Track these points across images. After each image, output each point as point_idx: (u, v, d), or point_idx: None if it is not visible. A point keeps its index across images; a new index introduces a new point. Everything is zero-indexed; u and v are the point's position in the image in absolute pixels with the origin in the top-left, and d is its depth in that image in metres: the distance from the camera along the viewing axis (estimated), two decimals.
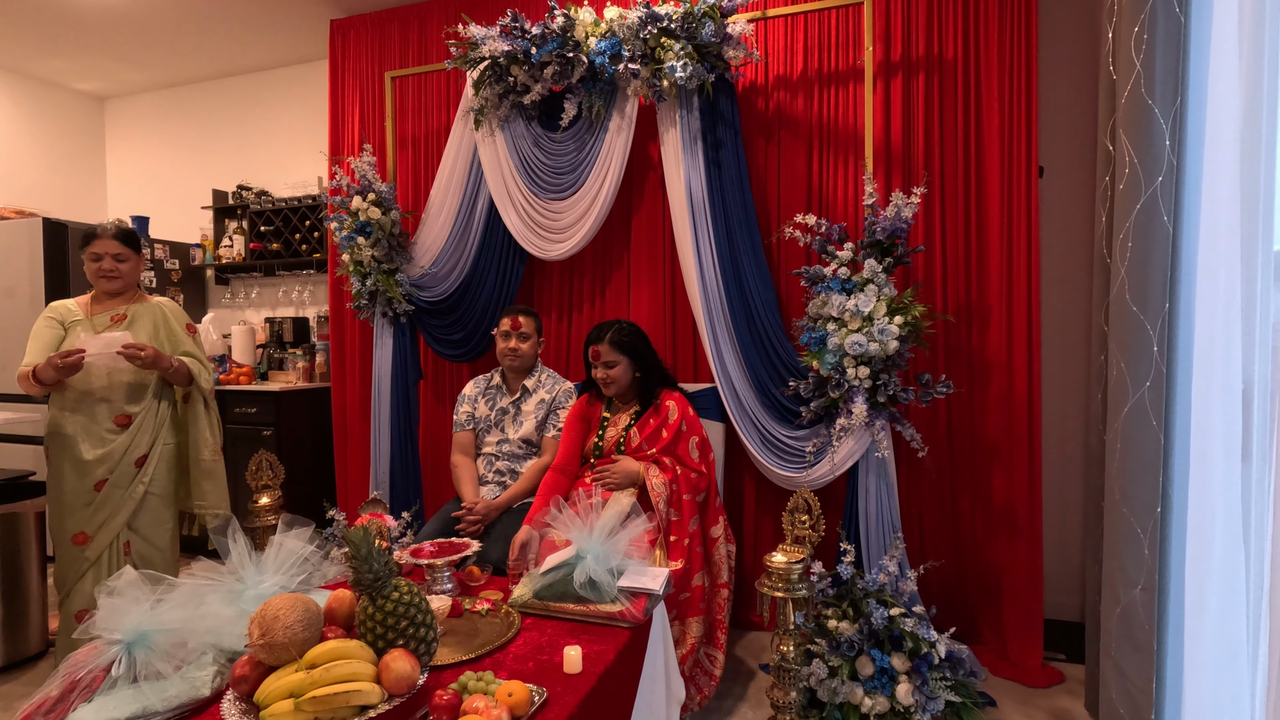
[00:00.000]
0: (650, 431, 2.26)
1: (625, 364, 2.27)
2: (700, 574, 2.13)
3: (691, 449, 2.24)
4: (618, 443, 2.29)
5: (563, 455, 2.32)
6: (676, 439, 2.24)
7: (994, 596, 2.57)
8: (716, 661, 2.16)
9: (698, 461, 2.23)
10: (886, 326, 2.19)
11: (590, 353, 2.30)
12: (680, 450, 2.24)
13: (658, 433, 2.27)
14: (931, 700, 1.98)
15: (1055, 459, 2.74)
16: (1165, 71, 1.63)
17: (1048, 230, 2.70)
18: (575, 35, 2.59)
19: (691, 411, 2.31)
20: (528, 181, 2.82)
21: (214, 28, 3.77)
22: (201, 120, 4.53)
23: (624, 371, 2.27)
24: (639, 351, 2.30)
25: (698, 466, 2.23)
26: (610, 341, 2.26)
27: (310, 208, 3.95)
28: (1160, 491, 1.67)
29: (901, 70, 2.61)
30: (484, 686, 1.19)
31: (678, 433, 2.24)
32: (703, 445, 2.28)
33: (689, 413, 2.29)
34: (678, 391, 2.35)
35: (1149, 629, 1.68)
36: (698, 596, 2.09)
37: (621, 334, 2.28)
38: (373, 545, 1.22)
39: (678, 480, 2.15)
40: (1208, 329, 1.61)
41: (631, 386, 2.33)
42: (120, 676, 1.16)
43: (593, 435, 2.35)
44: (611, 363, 2.26)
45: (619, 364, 2.26)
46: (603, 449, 2.31)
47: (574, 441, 2.35)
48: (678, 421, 2.25)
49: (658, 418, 2.28)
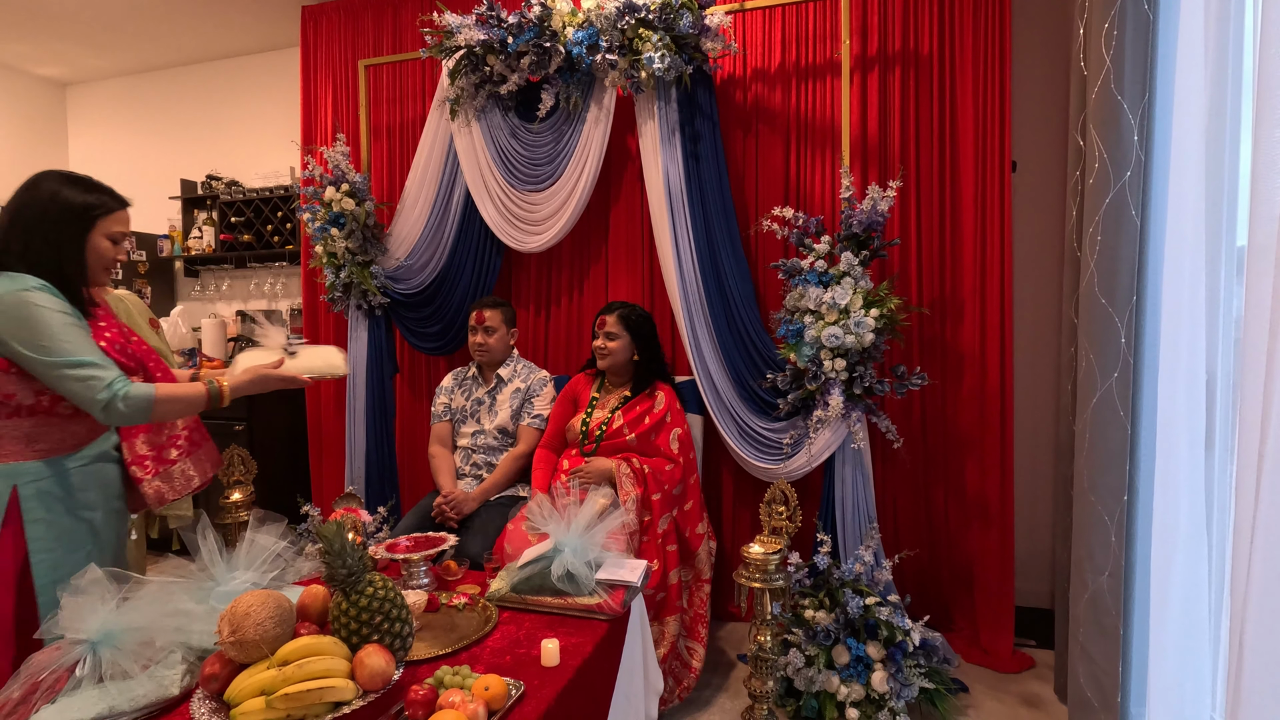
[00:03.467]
0: (634, 416, 2.27)
1: (625, 341, 2.32)
2: (676, 570, 2.13)
3: (672, 440, 2.25)
4: (601, 424, 2.30)
5: (549, 433, 2.40)
6: (658, 427, 2.25)
7: (966, 585, 2.62)
8: (696, 654, 2.17)
9: (676, 453, 2.24)
10: (862, 319, 2.20)
11: (597, 321, 2.36)
12: (660, 439, 2.24)
13: (640, 419, 2.27)
14: (906, 687, 2.01)
15: (1026, 449, 2.79)
16: (1134, 68, 1.65)
17: (1020, 224, 2.74)
18: (552, 25, 2.56)
19: (679, 406, 2.34)
20: (505, 173, 2.79)
21: (180, 12, 3.67)
22: (168, 108, 4.41)
23: (622, 348, 2.31)
24: (643, 335, 2.35)
25: (675, 457, 2.23)
26: (619, 316, 2.34)
27: (282, 198, 3.88)
28: (1127, 480, 1.71)
29: (878, 64, 2.63)
30: (460, 681, 1.18)
31: (660, 422, 2.25)
32: (684, 440, 2.29)
33: (675, 405, 2.33)
34: (670, 386, 2.39)
35: (1115, 614, 1.73)
36: (674, 595, 2.10)
37: (632, 313, 2.36)
38: (346, 540, 1.20)
39: (646, 481, 2.15)
40: (1173, 322, 1.65)
41: (627, 368, 2.35)
42: (85, 677, 1.13)
43: (580, 414, 2.36)
44: (613, 334, 2.31)
45: (619, 339, 2.31)
46: (588, 429, 2.31)
47: (559, 419, 2.41)
48: (663, 412, 2.27)
49: (644, 404, 2.29)
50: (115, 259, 1.50)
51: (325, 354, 1.75)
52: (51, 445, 1.40)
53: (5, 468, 1.36)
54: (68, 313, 1.35)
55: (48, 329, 1.30)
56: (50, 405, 1.38)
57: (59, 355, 1.30)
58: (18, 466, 1.37)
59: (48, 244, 1.38)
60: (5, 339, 1.30)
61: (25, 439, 1.38)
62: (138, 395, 1.34)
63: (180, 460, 1.61)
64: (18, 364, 1.33)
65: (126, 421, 1.37)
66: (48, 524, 1.39)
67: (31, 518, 1.36)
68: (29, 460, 1.38)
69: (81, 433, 1.44)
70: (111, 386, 1.32)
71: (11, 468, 1.36)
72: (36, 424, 1.38)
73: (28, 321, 1.30)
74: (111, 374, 1.33)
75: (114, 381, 1.32)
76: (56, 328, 1.30)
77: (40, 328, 1.30)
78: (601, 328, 2.34)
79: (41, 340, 1.29)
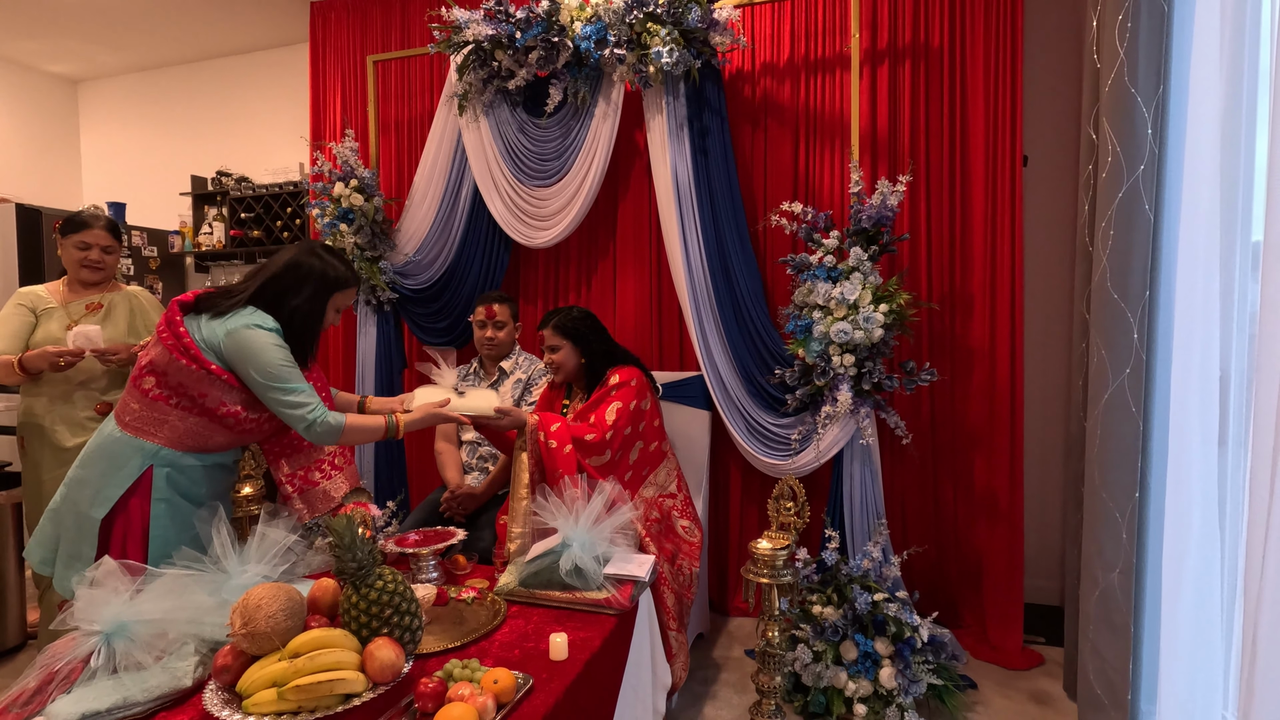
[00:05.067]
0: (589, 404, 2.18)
1: (568, 349, 2.22)
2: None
3: (608, 412, 2.09)
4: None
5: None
6: (600, 400, 2.14)
7: (975, 581, 2.61)
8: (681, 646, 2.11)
9: (608, 423, 2.07)
10: (871, 314, 2.19)
11: (538, 338, 2.27)
12: (598, 410, 2.11)
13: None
14: (914, 683, 2.01)
15: (1036, 446, 2.77)
16: (1148, 60, 1.64)
17: (1031, 219, 2.72)
18: (560, 19, 2.56)
19: (636, 384, 2.18)
20: (512, 168, 2.79)
21: (190, 9, 3.68)
22: (179, 104, 4.43)
23: (567, 356, 2.21)
24: (582, 335, 2.23)
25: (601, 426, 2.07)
26: (554, 326, 2.22)
27: (292, 194, 3.89)
28: (1139, 477, 1.70)
29: (888, 58, 2.61)
30: (469, 674, 1.19)
31: (605, 395, 2.15)
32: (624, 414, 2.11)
33: (630, 383, 2.17)
34: (634, 368, 2.24)
35: (1126, 611, 1.72)
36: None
37: (566, 319, 2.23)
38: (356, 534, 1.21)
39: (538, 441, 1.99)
40: (1187, 317, 1.63)
41: (581, 373, 2.26)
42: (99, 667, 1.14)
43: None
44: (554, 346, 2.22)
45: (561, 348, 2.21)
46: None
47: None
48: (610, 387, 2.16)
49: (601, 390, 2.19)
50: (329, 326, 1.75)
51: (486, 396, 1.94)
52: (198, 443, 1.60)
53: (151, 446, 1.56)
54: (287, 351, 1.60)
55: (274, 360, 1.55)
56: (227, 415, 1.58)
57: (279, 381, 1.55)
58: (160, 449, 1.56)
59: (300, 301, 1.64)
60: (235, 362, 1.55)
61: (183, 432, 1.57)
62: (333, 423, 1.61)
63: (324, 481, 1.80)
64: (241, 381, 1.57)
65: (322, 441, 1.63)
66: (169, 504, 1.58)
67: (158, 496, 1.56)
68: (173, 449, 1.57)
69: (226, 441, 1.65)
70: (314, 412, 1.58)
71: (154, 448, 1.56)
72: (200, 424, 1.58)
73: (263, 351, 1.54)
74: (315, 401, 1.60)
75: (316, 408, 1.59)
76: (280, 360, 1.56)
77: (269, 357, 1.54)
78: (542, 343, 2.25)
79: (269, 368, 1.54)
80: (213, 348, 1.54)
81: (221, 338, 1.53)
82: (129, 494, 1.53)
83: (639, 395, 2.18)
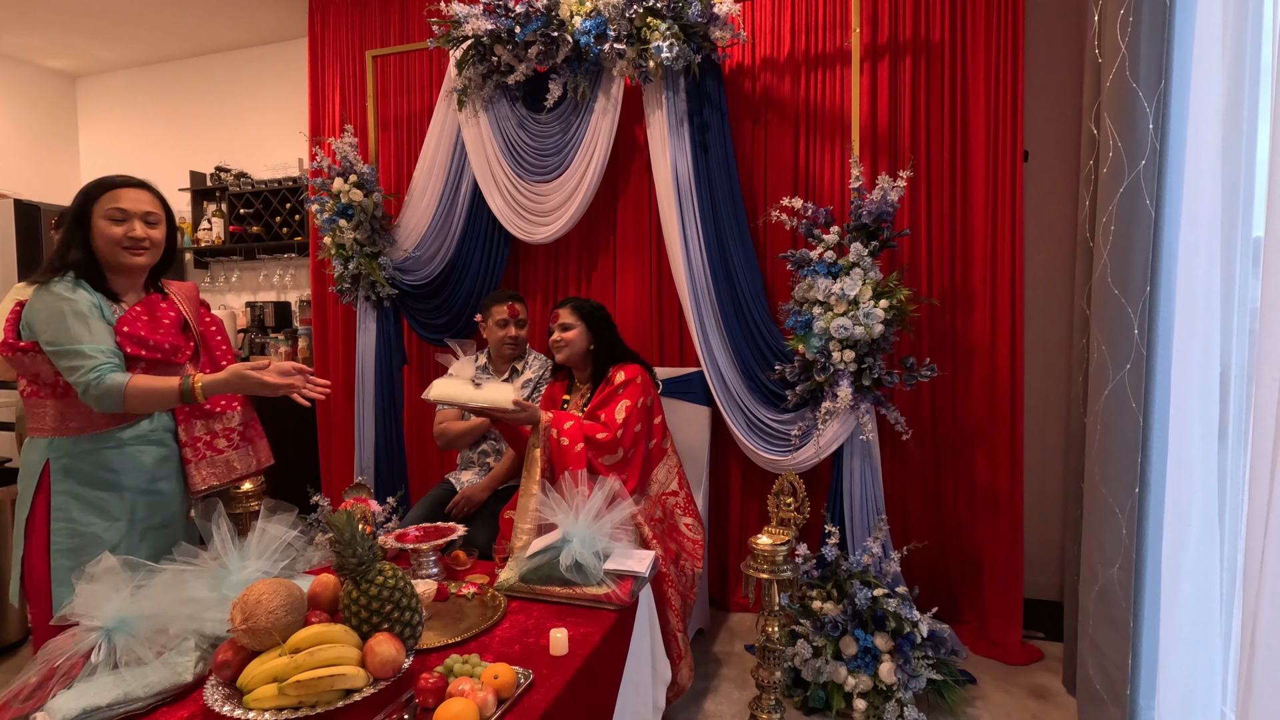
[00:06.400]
0: (597, 403, 2.19)
1: (581, 330, 2.23)
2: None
3: (617, 410, 2.12)
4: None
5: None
6: (609, 399, 2.15)
7: (975, 577, 2.61)
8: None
9: (618, 421, 2.10)
10: (872, 310, 2.19)
11: (550, 316, 2.29)
12: (608, 409, 2.13)
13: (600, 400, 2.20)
14: (914, 679, 2.01)
15: (1036, 441, 2.77)
16: (1150, 54, 1.63)
17: (1032, 214, 2.72)
18: (560, 14, 2.55)
19: (641, 381, 2.20)
20: (512, 163, 2.78)
21: (189, 5, 3.67)
22: (177, 99, 4.42)
23: (578, 337, 2.22)
24: (597, 322, 2.26)
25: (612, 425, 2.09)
26: (572, 306, 2.26)
27: (291, 190, 3.89)
28: (1139, 472, 1.70)
29: (889, 53, 2.60)
30: (470, 669, 1.19)
31: (613, 393, 2.16)
32: (633, 412, 2.13)
33: (635, 380, 2.19)
34: (636, 365, 2.26)
35: (1125, 607, 1.72)
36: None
37: (584, 303, 2.28)
38: (356, 529, 1.21)
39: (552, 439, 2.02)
40: (1188, 313, 1.63)
41: (586, 360, 2.27)
42: (100, 663, 1.14)
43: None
44: (568, 325, 2.23)
45: (575, 328, 2.23)
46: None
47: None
48: (617, 385, 2.17)
49: (605, 390, 2.20)
50: (125, 235, 1.55)
51: (503, 389, 1.94)
52: (80, 424, 1.53)
53: (43, 441, 1.53)
54: (79, 304, 1.47)
55: (46, 315, 1.45)
56: (67, 388, 1.51)
57: (54, 341, 1.45)
58: (52, 441, 1.53)
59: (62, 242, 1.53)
60: (34, 327, 1.47)
61: (59, 416, 1.52)
62: (110, 384, 1.45)
63: (227, 451, 1.72)
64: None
65: (102, 406, 1.48)
66: (70, 495, 1.52)
67: (57, 489, 1.52)
68: (61, 436, 1.53)
69: (106, 416, 1.53)
70: (91, 373, 1.44)
71: (48, 442, 1.53)
72: (66, 404, 1.52)
73: (43, 312, 1.46)
74: (96, 360, 1.45)
75: (96, 369, 1.45)
76: (52, 314, 1.45)
77: (50, 317, 1.45)
78: (555, 320, 2.27)
79: (45, 326, 1.45)
80: (27, 324, 1.50)
81: (25, 310, 1.50)
82: (37, 492, 1.52)
83: (644, 392, 2.19)
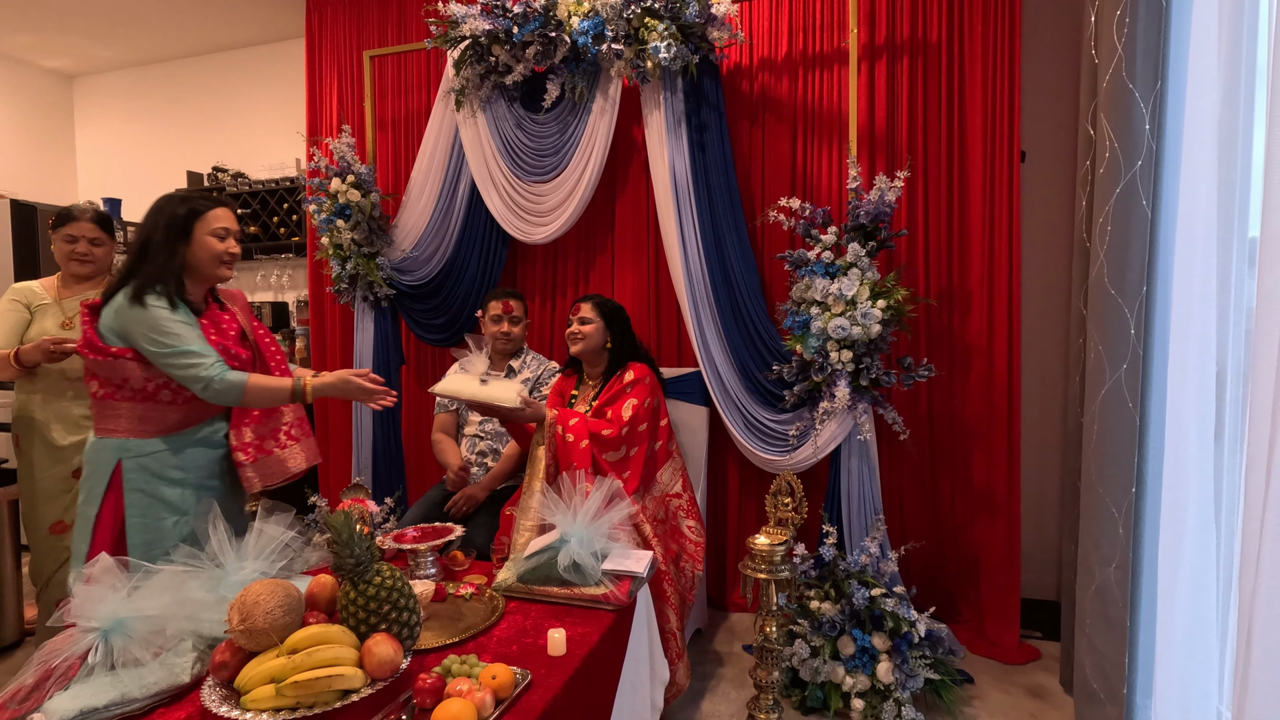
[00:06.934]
0: (606, 399, 2.20)
1: (600, 326, 2.27)
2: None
3: (624, 408, 2.14)
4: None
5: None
6: (617, 396, 2.18)
7: (972, 576, 2.62)
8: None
9: (625, 418, 2.11)
10: (869, 310, 2.20)
11: (571, 309, 2.32)
12: (615, 406, 2.15)
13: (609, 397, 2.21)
14: (911, 678, 2.01)
15: (1034, 441, 2.78)
16: (1146, 55, 1.64)
17: (1029, 214, 2.72)
18: (557, 14, 2.55)
19: (649, 381, 2.22)
20: (510, 164, 2.78)
21: (186, 4, 3.66)
22: (174, 99, 4.41)
23: (596, 332, 2.26)
24: (618, 320, 2.31)
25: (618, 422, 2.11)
26: (594, 303, 2.30)
27: (288, 190, 3.88)
28: (1135, 472, 1.70)
29: (886, 53, 2.60)
30: (468, 670, 1.19)
31: (621, 391, 2.18)
32: (640, 411, 2.14)
33: (643, 380, 2.21)
34: (646, 366, 2.28)
35: (1122, 606, 1.72)
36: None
37: (606, 301, 2.33)
38: (354, 530, 1.21)
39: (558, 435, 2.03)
40: (1184, 313, 1.63)
41: (600, 356, 2.29)
42: (97, 664, 1.14)
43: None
44: (587, 319, 2.26)
45: (594, 323, 2.26)
46: None
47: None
48: (626, 383, 2.20)
49: (615, 385, 2.22)
50: (226, 251, 1.72)
51: (510, 386, 1.96)
52: (157, 427, 1.65)
53: (116, 441, 1.62)
54: (177, 312, 1.61)
55: (155, 320, 1.57)
56: (155, 391, 1.63)
57: (166, 341, 1.57)
58: (125, 442, 1.62)
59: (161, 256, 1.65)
60: (129, 338, 1.59)
61: (136, 419, 1.63)
62: (234, 380, 1.62)
63: (278, 451, 1.81)
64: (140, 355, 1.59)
65: (221, 400, 1.63)
66: (142, 493, 1.62)
67: (130, 487, 1.61)
68: (136, 437, 1.63)
69: (179, 418, 1.67)
70: (210, 369, 1.59)
71: (121, 442, 1.62)
72: (146, 408, 1.63)
73: (144, 320, 1.57)
74: (211, 358, 1.61)
75: (213, 365, 1.60)
76: (162, 319, 1.58)
77: (154, 324, 1.57)
78: (575, 314, 2.30)
79: (152, 331, 1.57)
80: (114, 331, 1.59)
81: (112, 319, 1.59)
82: (108, 489, 1.61)
83: (652, 393, 2.22)
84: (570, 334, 2.28)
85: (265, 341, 1.87)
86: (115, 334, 1.60)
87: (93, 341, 1.60)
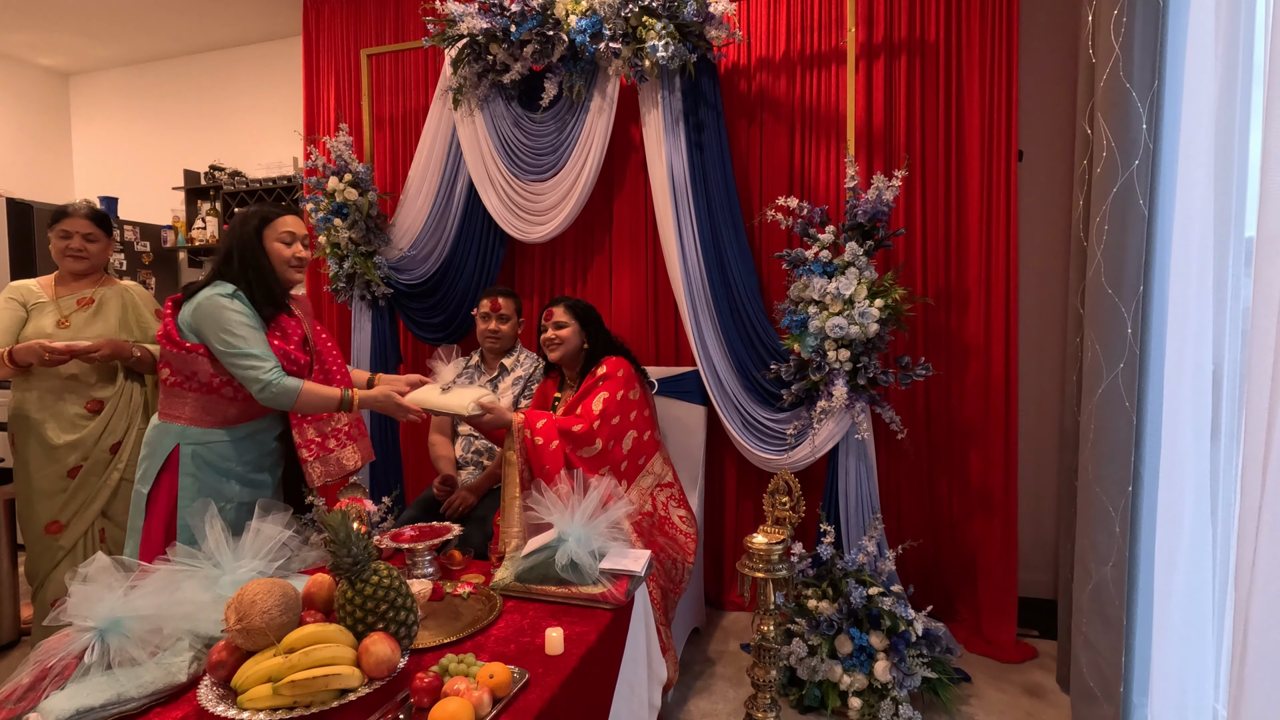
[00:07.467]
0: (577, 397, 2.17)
1: (575, 328, 2.24)
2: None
3: (595, 403, 2.11)
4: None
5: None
6: (588, 391, 2.15)
7: (970, 575, 2.62)
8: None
9: (595, 413, 2.08)
10: (867, 309, 2.20)
11: (544, 314, 2.28)
12: (585, 401, 2.12)
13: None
14: (908, 677, 2.02)
15: (1030, 440, 2.78)
16: (1143, 55, 1.64)
17: (1026, 214, 2.73)
18: (555, 13, 2.54)
19: (623, 374, 2.18)
20: (508, 162, 2.78)
21: (182, 2, 3.65)
22: (171, 98, 4.40)
23: (572, 335, 2.23)
24: (590, 321, 2.28)
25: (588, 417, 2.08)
26: (566, 305, 2.27)
27: (285, 188, 3.87)
28: (1132, 471, 1.70)
29: (884, 52, 2.60)
30: (465, 669, 1.18)
31: (592, 386, 2.15)
32: (611, 404, 2.11)
33: (616, 373, 2.17)
34: (619, 359, 2.24)
35: (1119, 604, 1.73)
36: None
37: (577, 303, 2.30)
38: (351, 529, 1.21)
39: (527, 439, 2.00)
40: (1180, 312, 1.64)
41: (578, 358, 2.27)
42: (93, 663, 1.14)
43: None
44: (562, 323, 2.24)
45: (568, 326, 2.24)
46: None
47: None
48: (598, 378, 2.17)
49: (589, 381, 2.19)
50: (294, 256, 1.84)
51: (468, 394, 1.95)
52: (216, 418, 1.78)
53: (177, 427, 1.76)
54: (246, 315, 1.73)
55: (226, 321, 1.69)
56: (219, 386, 1.76)
57: (233, 341, 1.69)
58: (186, 429, 1.76)
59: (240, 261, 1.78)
60: (202, 334, 1.71)
61: (199, 409, 1.77)
62: (289, 385, 1.73)
63: (338, 449, 1.95)
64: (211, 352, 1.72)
65: (276, 404, 1.74)
66: (194, 478, 1.75)
67: (184, 471, 1.74)
68: (196, 425, 1.76)
69: (237, 413, 1.80)
70: (268, 373, 1.71)
71: (182, 429, 1.76)
72: (210, 400, 1.76)
73: (215, 319, 1.69)
74: (270, 363, 1.72)
75: (271, 370, 1.71)
76: (234, 321, 1.70)
77: (222, 318, 1.69)
78: (549, 319, 2.27)
79: (221, 330, 1.69)
80: (190, 327, 1.72)
81: (190, 316, 1.71)
82: (163, 470, 1.74)
83: (626, 385, 2.18)
84: (546, 340, 2.24)
85: (326, 346, 1.99)
86: (191, 330, 1.72)
87: (171, 334, 1.73)
